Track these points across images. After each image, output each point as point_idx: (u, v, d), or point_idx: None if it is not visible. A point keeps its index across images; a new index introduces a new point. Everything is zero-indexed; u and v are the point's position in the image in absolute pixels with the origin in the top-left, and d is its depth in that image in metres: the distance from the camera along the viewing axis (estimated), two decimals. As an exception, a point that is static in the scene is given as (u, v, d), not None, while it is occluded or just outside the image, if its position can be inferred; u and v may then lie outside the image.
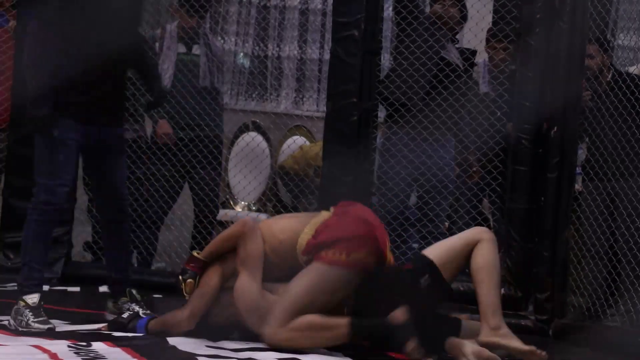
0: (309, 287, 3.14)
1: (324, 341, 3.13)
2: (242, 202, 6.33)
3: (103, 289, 4.66)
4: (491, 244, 3.29)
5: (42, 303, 3.52)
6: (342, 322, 3.12)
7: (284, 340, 3.10)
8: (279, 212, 5.92)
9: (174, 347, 3.09)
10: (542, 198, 4.19)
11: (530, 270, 4.21)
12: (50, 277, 4.80)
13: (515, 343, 3.16)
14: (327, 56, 6.08)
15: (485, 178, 4.51)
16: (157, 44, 5.09)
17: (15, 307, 3.51)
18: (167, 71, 5.01)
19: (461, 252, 3.30)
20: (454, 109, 4.51)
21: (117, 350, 2.90)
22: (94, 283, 4.76)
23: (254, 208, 6.32)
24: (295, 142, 6.15)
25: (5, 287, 4.50)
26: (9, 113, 4.98)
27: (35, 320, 3.44)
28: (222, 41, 6.56)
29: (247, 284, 3.22)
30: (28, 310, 3.47)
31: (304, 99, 7.31)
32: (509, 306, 4.21)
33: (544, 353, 3.14)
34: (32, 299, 3.51)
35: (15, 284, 4.55)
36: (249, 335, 3.24)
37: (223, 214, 5.79)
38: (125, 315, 3.49)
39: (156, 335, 3.28)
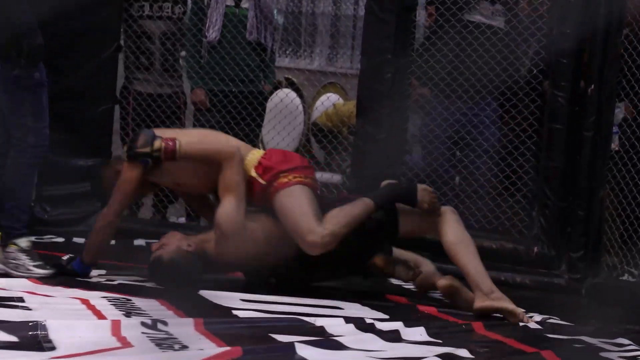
0: (308, 202, 3.33)
1: (362, 217, 3.31)
2: (275, 159, 6.34)
3: (138, 242, 4.72)
4: (456, 220, 3.39)
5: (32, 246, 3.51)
6: (365, 200, 3.35)
7: (330, 238, 3.24)
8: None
9: (208, 301, 3.12)
10: (578, 157, 4.16)
11: (564, 229, 4.19)
12: (85, 230, 4.86)
13: (507, 304, 3.20)
14: (361, 12, 6.02)
15: (520, 136, 4.47)
16: None
17: (6, 251, 3.44)
18: (215, 24, 5.01)
19: (422, 215, 3.39)
20: (489, 66, 4.46)
21: (153, 302, 2.93)
22: (128, 236, 4.81)
23: (287, 165, 6.32)
24: (329, 99, 6.13)
25: (42, 238, 4.57)
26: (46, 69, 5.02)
27: (34, 264, 3.42)
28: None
29: (234, 210, 3.27)
30: (23, 254, 3.43)
31: (338, 56, 7.27)
32: (543, 265, 4.21)
33: (527, 317, 3.17)
34: (24, 242, 3.48)
35: (52, 235, 4.65)
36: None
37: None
38: (65, 258, 3.49)
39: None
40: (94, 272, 3.50)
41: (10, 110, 3.55)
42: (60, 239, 4.59)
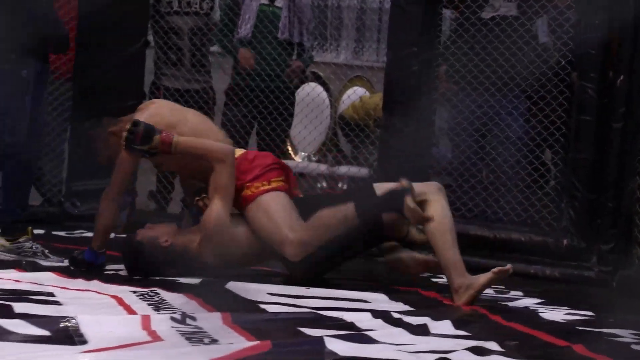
0: (285, 207, 3.41)
1: (339, 228, 3.35)
2: (302, 153, 6.35)
3: (166, 237, 4.74)
4: (437, 202, 3.35)
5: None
6: (348, 206, 3.38)
7: (308, 241, 3.32)
8: (339, 163, 5.93)
9: (235, 295, 3.13)
10: (607, 148, 4.12)
11: (594, 222, 4.17)
12: (116, 225, 4.90)
13: (482, 280, 3.20)
14: (387, 5, 6.01)
15: (549, 128, 4.44)
16: None
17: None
18: (248, 21, 5.04)
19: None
20: (512, 60, 4.44)
21: (180, 296, 2.94)
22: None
23: (314, 158, 6.33)
24: (355, 92, 6.13)
25: (73, 233, 4.61)
26: (73, 63, 5.06)
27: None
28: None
29: (221, 213, 3.32)
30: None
31: (364, 49, 7.26)
32: (572, 257, 4.19)
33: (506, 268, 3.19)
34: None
35: (82, 230, 4.68)
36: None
37: (284, 164, 5.81)
38: (77, 251, 3.51)
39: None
40: (121, 266, 3.53)
41: (33, 107, 3.58)
42: (90, 234, 4.62)
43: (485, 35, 4.46)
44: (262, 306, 2.91)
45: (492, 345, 2.42)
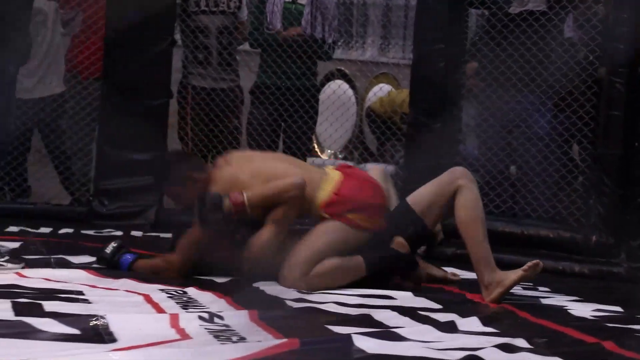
0: (331, 242, 3.27)
1: (345, 279, 3.27)
2: (329, 150, 6.35)
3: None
4: (469, 189, 3.31)
5: None
6: (358, 260, 3.29)
7: (306, 287, 3.20)
8: (365, 160, 5.93)
9: (261, 291, 3.13)
10: (636, 144, 4.09)
11: (623, 217, 4.13)
12: (143, 223, 4.94)
13: (512, 277, 3.16)
14: (413, 2, 6.00)
15: (577, 123, 4.41)
16: None
17: None
18: (276, 14, 5.05)
19: (441, 197, 3.37)
20: (540, 56, 4.41)
21: (209, 294, 2.95)
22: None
23: (340, 156, 6.33)
24: (382, 89, 6.13)
25: (101, 232, 4.64)
26: (102, 63, 5.10)
27: (3, 260, 3.34)
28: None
29: (269, 242, 3.26)
30: None
31: (390, 46, 7.24)
32: (601, 253, 4.15)
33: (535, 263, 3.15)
34: None
35: (111, 229, 4.71)
36: None
37: (310, 162, 5.83)
38: (108, 250, 3.44)
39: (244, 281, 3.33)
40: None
41: None
42: (119, 232, 4.66)
43: (512, 31, 4.43)
44: (289, 304, 2.91)
45: (521, 342, 2.41)
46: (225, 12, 5.17)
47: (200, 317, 2.47)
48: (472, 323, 2.68)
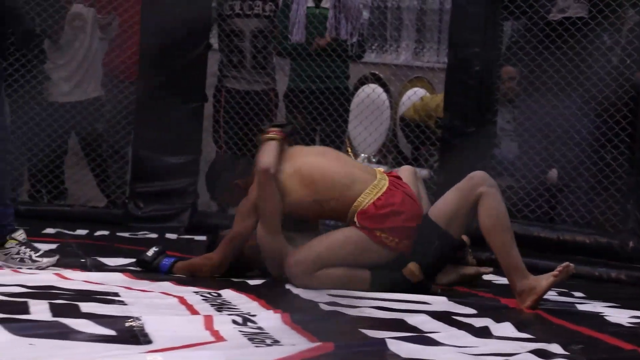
0: (349, 252, 3.25)
1: (350, 287, 3.24)
2: (363, 155, 6.35)
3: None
4: (492, 196, 3.23)
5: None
6: (364, 275, 3.26)
7: (304, 285, 3.21)
8: (399, 164, 5.91)
9: (296, 295, 3.14)
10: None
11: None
12: (178, 226, 4.97)
13: (545, 283, 3.11)
14: (447, 6, 5.98)
15: (614, 128, 4.37)
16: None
17: (7, 248, 3.39)
18: (298, 26, 5.07)
19: (464, 206, 3.28)
20: (575, 61, 4.37)
21: (242, 296, 2.96)
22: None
23: (374, 160, 6.33)
24: (416, 93, 6.11)
25: (137, 235, 4.67)
26: (138, 67, 5.14)
27: (38, 255, 3.39)
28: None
29: (261, 232, 3.30)
30: (24, 247, 3.39)
31: (424, 50, 7.22)
32: (638, 259, 4.11)
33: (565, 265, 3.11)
34: (21, 235, 3.43)
35: (146, 231, 4.74)
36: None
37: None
38: (149, 254, 3.47)
39: (276, 282, 3.34)
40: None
41: None
42: (154, 235, 4.69)
43: (552, 38, 4.40)
44: (323, 307, 2.91)
45: (556, 348, 2.39)
46: (260, 15, 5.19)
47: (234, 320, 2.48)
48: (507, 328, 2.66)
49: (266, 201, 3.27)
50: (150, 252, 3.49)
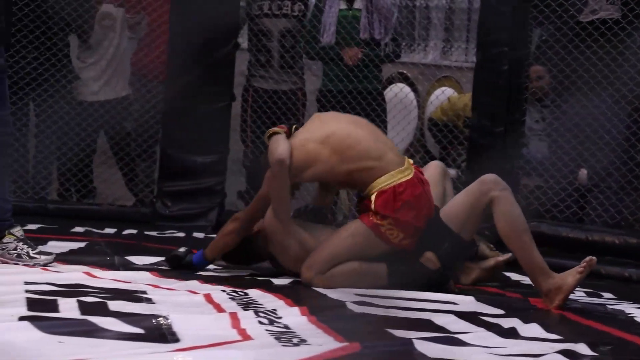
0: (353, 246, 3.26)
1: (362, 285, 3.24)
2: (390, 154, 6.32)
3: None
4: (505, 199, 3.21)
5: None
6: (380, 268, 3.28)
7: (322, 286, 3.22)
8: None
9: (323, 295, 3.14)
10: None
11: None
12: (205, 225, 4.98)
13: (570, 283, 3.09)
14: (476, 5, 5.95)
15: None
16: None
17: (4, 243, 3.39)
18: (329, 28, 5.07)
19: (476, 209, 3.27)
20: (606, 60, 4.34)
21: (270, 296, 2.96)
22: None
23: (401, 159, 6.30)
24: (444, 93, 6.08)
25: (164, 233, 4.70)
26: (166, 66, 5.16)
27: (35, 252, 3.39)
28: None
29: (273, 217, 3.31)
30: (21, 243, 3.40)
31: (452, 49, 7.20)
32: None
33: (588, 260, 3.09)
34: (19, 232, 3.43)
35: (173, 230, 4.76)
36: None
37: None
38: (181, 249, 3.51)
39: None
40: (211, 266, 3.58)
41: None
42: (181, 234, 4.71)
43: (581, 37, 4.36)
44: (350, 307, 2.91)
45: (584, 349, 2.37)
46: (289, 15, 5.20)
47: (261, 319, 2.49)
48: (534, 329, 2.65)
49: (279, 190, 3.28)
50: (182, 249, 3.53)
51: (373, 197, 3.25)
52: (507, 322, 2.72)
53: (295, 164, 3.26)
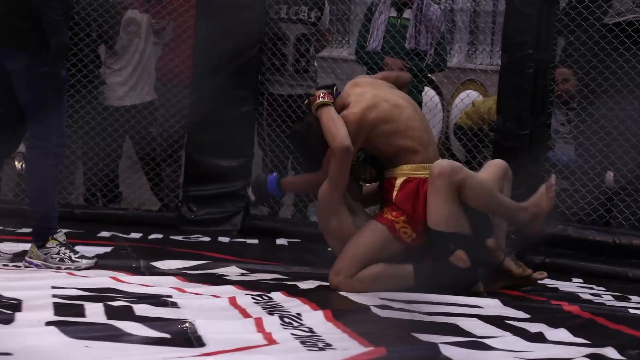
0: (371, 245, 3.29)
1: (391, 287, 3.26)
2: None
3: (280, 241, 4.80)
4: (467, 179, 3.25)
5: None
6: (407, 269, 3.30)
7: (351, 290, 3.24)
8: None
9: (348, 299, 3.13)
10: None
11: None
12: (230, 229, 4.99)
13: (545, 204, 3.32)
14: (501, 8, 5.93)
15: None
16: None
17: (47, 248, 3.48)
18: (377, 34, 5.08)
19: (453, 201, 3.26)
20: (633, 62, 4.30)
21: (294, 300, 2.96)
22: (271, 235, 4.90)
23: (426, 163, 6.28)
24: (468, 96, 6.06)
25: (189, 238, 4.71)
26: (191, 71, 5.18)
27: (77, 256, 3.48)
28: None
29: (326, 193, 3.32)
30: (64, 247, 3.49)
31: (477, 52, 7.17)
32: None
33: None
34: (62, 237, 3.52)
35: (199, 235, 4.77)
36: None
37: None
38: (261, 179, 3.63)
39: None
40: (236, 271, 3.58)
41: (33, 108, 3.44)
42: (207, 238, 4.72)
43: (607, 40, 4.33)
44: (375, 311, 2.90)
45: (613, 353, 2.35)
46: (305, 21, 5.21)
47: (286, 323, 2.49)
48: (561, 333, 2.63)
49: (341, 175, 3.28)
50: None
51: (398, 183, 3.31)
52: (533, 327, 2.71)
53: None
